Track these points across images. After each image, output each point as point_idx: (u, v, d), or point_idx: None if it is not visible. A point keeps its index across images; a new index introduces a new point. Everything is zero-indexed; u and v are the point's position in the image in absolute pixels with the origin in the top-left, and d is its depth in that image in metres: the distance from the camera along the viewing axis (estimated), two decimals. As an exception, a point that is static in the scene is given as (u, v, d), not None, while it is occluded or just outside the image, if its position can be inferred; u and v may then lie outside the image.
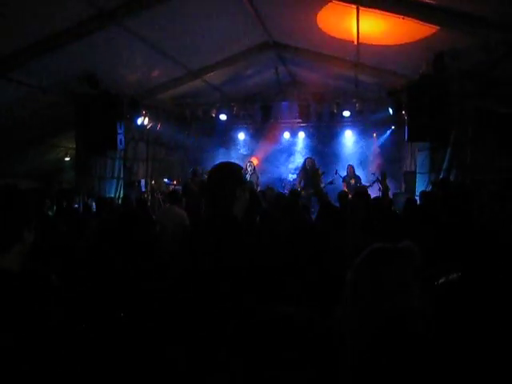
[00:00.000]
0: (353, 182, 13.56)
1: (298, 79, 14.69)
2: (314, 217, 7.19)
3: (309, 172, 13.60)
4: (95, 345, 2.64)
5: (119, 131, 11.13)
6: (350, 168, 14.05)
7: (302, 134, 16.23)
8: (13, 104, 9.72)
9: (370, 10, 7.83)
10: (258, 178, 14.20)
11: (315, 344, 1.17)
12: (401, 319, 1.88)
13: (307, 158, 14.36)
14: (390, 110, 12.24)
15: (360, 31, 8.93)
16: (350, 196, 9.17)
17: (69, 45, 8.36)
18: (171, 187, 13.63)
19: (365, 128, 15.08)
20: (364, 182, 13.81)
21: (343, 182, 13.64)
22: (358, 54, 10.51)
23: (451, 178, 9.94)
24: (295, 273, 2.86)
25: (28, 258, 2.14)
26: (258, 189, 12.80)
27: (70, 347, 2.07)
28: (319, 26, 9.19)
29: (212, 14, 8.51)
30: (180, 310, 2.71)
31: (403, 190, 12.78)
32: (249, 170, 14.26)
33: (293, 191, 10.05)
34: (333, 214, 4.98)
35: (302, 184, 13.56)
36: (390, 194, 12.14)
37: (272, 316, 1.18)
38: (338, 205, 7.79)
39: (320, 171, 13.67)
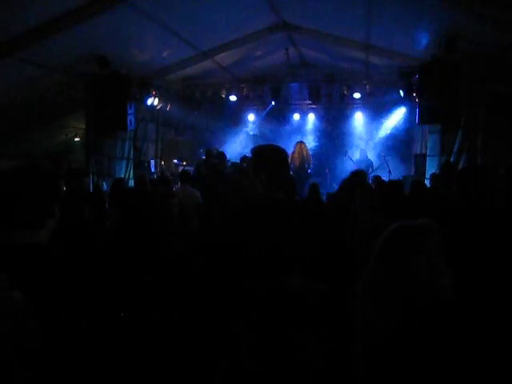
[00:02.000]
0: (364, 165, 13.57)
1: (308, 60, 14.58)
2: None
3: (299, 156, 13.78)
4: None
5: (129, 112, 11.14)
6: (362, 152, 14.09)
7: (311, 116, 16.19)
8: (22, 84, 9.73)
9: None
10: None
11: (328, 314, 1.19)
12: (432, 293, 1.90)
13: (298, 142, 14.49)
14: (401, 92, 12.15)
15: (371, 10, 8.85)
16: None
17: (79, 25, 8.33)
18: (180, 168, 13.66)
19: (375, 110, 15.00)
20: (376, 165, 13.86)
21: (355, 165, 13.65)
22: (370, 35, 10.42)
23: (462, 161, 9.90)
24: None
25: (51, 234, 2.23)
26: None
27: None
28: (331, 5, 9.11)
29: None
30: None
31: (413, 172, 12.75)
32: None
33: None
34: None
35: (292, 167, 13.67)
36: (401, 177, 12.11)
37: (289, 292, 1.19)
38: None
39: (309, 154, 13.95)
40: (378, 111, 14.97)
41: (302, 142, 14.56)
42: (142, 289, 2.79)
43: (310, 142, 15.78)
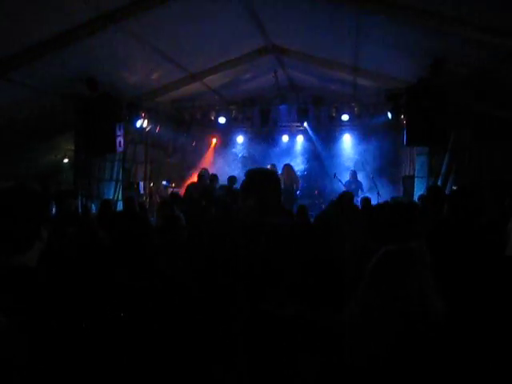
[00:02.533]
0: (353, 187, 13.62)
1: (297, 83, 14.71)
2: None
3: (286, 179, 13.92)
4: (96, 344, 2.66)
5: (118, 133, 11.14)
6: (352, 174, 14.12)
7: (300, 138, 16.26)
8: (12, 105, 9.71)
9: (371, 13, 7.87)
10: None
11: (320, 341, 1.17)
12: (424, 317, 1.90)
13: (285, 165, 14.56)
14: (389, 114, 12.26)
15: (359, 34, 8.96)
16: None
17: (69, 47, 8.38)
18: (170, 190, 13.64)
19: (363, 132, 15.09)
20: (364, 186, 13.91)
21: (344, 186, 13.69)
22: (357, 58, 10.54)
23: (449, 182, 9.97)
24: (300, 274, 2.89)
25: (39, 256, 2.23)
26: None
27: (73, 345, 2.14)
28: (319, 29, 9.22)
29: (213, 17, 8.53)
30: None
31: (402, 194, 12.80)
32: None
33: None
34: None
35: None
36: (389, 198, 12.14)
37: (278, 315, 1.19)
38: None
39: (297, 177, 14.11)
40: (366, 133, 15.06)
41: (288, 165, 14.63)
42: (132, 311, 2.78)
43: (299, 164, 15.82)
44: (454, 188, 9.43)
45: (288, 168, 14.49)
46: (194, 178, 13.65)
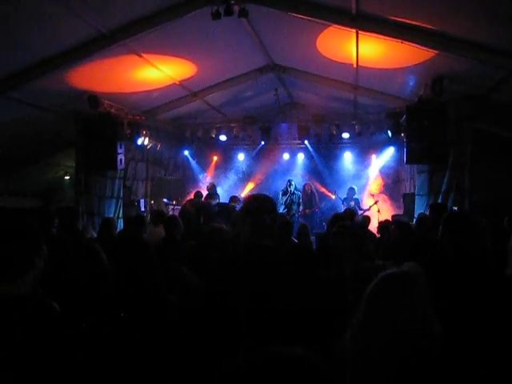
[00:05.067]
0: (352, 204, 13.59)
1: (298, 101, 14.80)
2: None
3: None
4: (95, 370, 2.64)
5: (119, 151, 11.16)
6: (351, 191, 14.11)
7: (301, 155, 16.26)
8: (13, 123, 9.76)
9: (369, 34, 7.92)
10: None
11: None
12: (422, 344, 1.87)
13: (305, 183, 14.78)
14: (389, 133, 12.27)
15: (359, 55, 9.02)
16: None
17: (71, 65, 8.45)
18: (170, 207, 13.62)
19: (364, 150, 15.11)
20: (363, 204, 13.90)
21: (343, 204, 13.67)
22: (358, 77, 10.60)
23: (450, 200, 9.95)
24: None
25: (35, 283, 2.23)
26: None
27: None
28: (319, 49, 9.28)
29: (214, 36, 8.58)
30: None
31: (402, 211, 12.77)
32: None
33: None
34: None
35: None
36: (389, 216, 12.11)
37: (269, 357, 1.16)
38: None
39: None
40: (366, 151, 15.08)
41: (308, 184, 14.91)
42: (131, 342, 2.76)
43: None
44: (455, 208, 9.39)
45: (308, 185, 14.77)
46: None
